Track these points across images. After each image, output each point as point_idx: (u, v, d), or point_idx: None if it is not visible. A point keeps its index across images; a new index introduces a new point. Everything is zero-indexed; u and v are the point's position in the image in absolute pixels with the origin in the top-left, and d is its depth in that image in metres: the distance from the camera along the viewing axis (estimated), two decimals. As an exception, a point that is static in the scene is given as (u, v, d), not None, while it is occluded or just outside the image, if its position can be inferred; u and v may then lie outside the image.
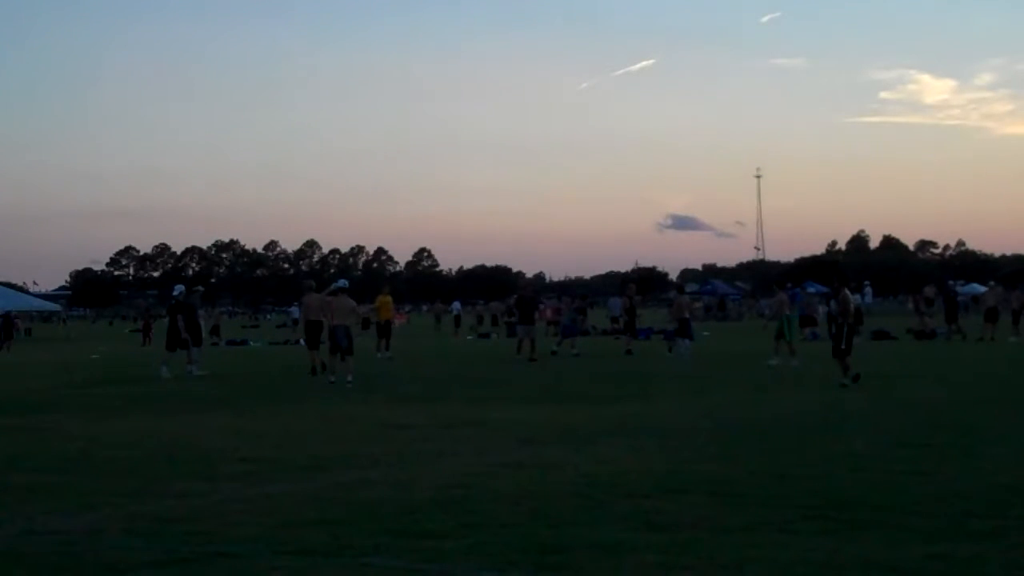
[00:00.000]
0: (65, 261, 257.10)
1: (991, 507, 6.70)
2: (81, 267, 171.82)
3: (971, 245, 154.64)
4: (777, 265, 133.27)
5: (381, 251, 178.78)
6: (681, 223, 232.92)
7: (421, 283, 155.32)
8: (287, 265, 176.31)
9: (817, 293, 50.46)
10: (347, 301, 19.20)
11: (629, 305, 28.69)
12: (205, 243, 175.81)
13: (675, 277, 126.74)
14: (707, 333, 38.93)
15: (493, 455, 9.39)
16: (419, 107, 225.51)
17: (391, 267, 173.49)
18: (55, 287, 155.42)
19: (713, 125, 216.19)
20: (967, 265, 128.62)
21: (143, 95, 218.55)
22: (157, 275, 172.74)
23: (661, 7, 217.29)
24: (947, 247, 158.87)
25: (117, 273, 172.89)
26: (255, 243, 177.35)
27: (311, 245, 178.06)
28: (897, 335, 33.96)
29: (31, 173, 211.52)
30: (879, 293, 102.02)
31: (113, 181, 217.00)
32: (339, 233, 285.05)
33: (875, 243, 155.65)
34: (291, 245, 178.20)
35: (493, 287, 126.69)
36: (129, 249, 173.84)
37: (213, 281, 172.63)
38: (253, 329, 62.38)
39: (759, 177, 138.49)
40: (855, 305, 36.34)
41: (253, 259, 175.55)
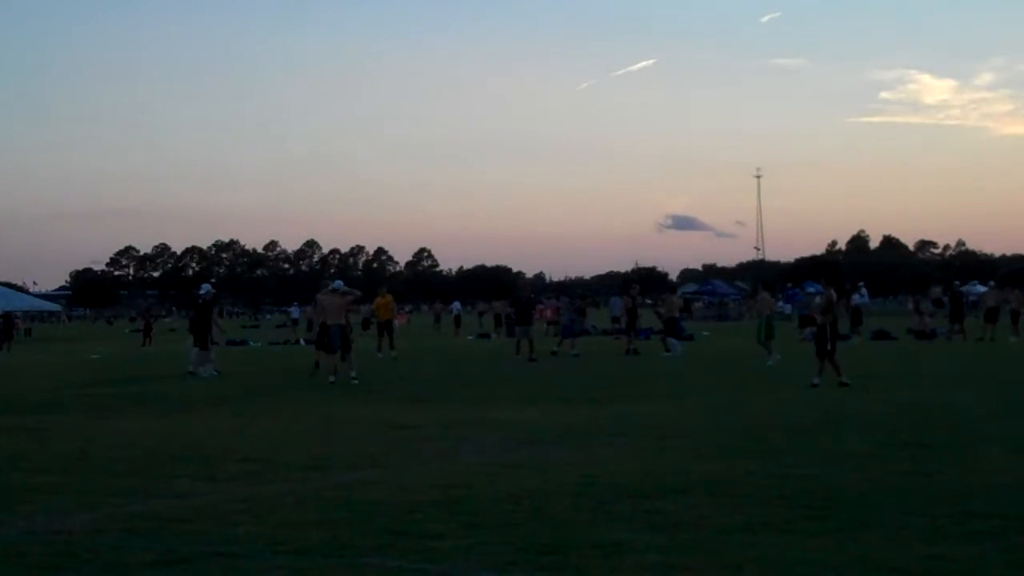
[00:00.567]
0: (65, 261, 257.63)
1: (991, 507, 6.70)
2: (81, 267, 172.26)
3: (971, 245, 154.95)
4: (777, 265, 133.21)
5: (381, 251, 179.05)
6: (681, 223, 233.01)
7: (421, 283, 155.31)
8: (287, 265, 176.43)
9: (817, 293, 50.34)
10: (339, 300, 19.47)
11: (632, 305, 28.67)
12: (205, 243, 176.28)
13: (675, 277, 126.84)
14: (707, 333, 38.95)
15: (493, 455, 9.40)
16: (419, 107, 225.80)
17: (391, 267, 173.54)
18: (55, 287, 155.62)
19: (713, 125, 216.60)
20: (967, 265, 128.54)
21: (143, 95, 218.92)
22: (157, 275, 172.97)
23: (661, 7, 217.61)
24: (947, 247, 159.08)
25: (117, 273, 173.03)
26: (255, 243, 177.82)
27: (311, 245, 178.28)
28: (897, 335, 33.99)
29: (31, 173, 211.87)
30: (880, 293, 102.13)
31: (113, 181, 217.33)
32: (339, 233, 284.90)
33: (875, 243, 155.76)
34: (291, 245, 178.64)
35: (493, 287, 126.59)
36: (129, 249, 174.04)
37: (213, 281, 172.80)
38: (253, 329, 62.33)
39: (759, 177, 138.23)
40: (854, 305, 36.61)
41: (253, 259, 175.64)
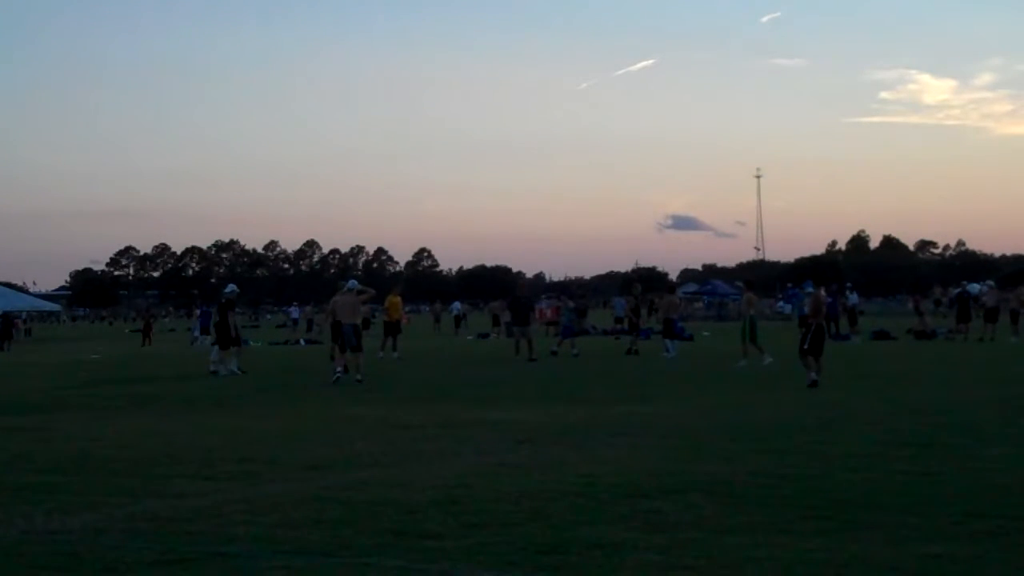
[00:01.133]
0: (65, 261, 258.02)
1: (991, 507, 6.70)
2: (81, 267, 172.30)
3: (971, 245, 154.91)
4: (777, 265, 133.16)
5: (381, 251, 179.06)
6: (681, 223, 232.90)
7: (421, 283, 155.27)
8: (287, 265, 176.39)
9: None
10: (353, 299, 19.78)
11: (635, 305, 28.66)
12: (205, 243, 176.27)
13: (675, 277, 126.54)
14: (707, 333, 38.94)
15: (493, 455, 9.39)
16: (419, 107, 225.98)
17: (391, 267, 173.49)
18: (55, 287, 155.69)
19: (713, 125, 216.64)
20: (967, 265, 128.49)
21: (143, 95, 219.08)
22: (157, 275, 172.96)
23: (661, 7, 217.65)
24: (947, 247, 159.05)
25: (117, 273, 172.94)
26: (255, 243, 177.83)
27: (311, 245, 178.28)
28: (897, 335, 34.00)
29: (31, 173, 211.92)
30: (880, 293, 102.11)
31: (113, 181, 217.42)
32: (339, 233, 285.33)
33: (875, 243, 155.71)
34: (291, 245, 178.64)
35: (493, 287, 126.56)
36: (129, 249, 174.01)
37: (213, 281, 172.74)
38: (253, 329, 62.31)
39: (759, 177, 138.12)
40: (851, 306, 36.60)
41: (253, 259, 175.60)
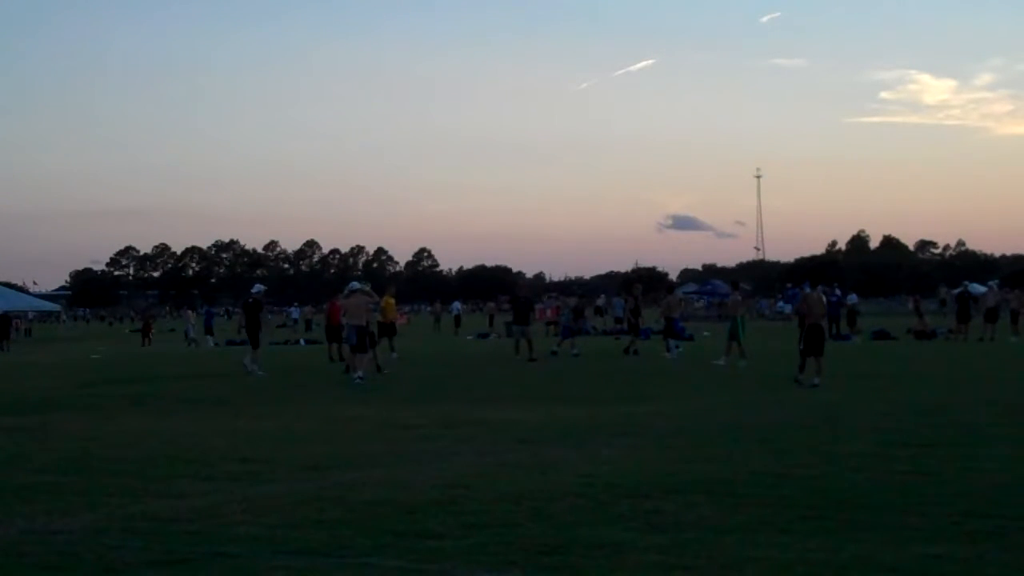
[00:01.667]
0: (65, 261, 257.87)
1: (991, 507, 6.70)
2: (81, 267, 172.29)
3: (971, 245, 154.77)
4: (777, 265, 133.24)
5: (381, 251, 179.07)
6: (681, 223, 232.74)
7: (421, 283, 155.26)
8: (287, 265, 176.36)
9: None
10: (359, 300, 20.17)
11: (634, 305, 28.64)
12: (205, 243, 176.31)
13: (675, 277, 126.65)
14: (707, 333, 38.93)
15: (493, 455, 9.39)
16: (419, 107, 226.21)
17: (391, 267, 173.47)
18: (55, 287, 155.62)
19: (713, 125, 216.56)
20: (967, 265, 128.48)
21: (143, 95, 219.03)
22: (157, 275, 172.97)
23: (661, 7, 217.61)
24: (947, 247, 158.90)
25: (117, 273, 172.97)
26: (255, 243, 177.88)
27: (311, 245, 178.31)
28: (897, 335, 34.00)
29: (31, 173, 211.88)
30: (880, 293, 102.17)
31: (113, 181, 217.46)
32: (339, 233, 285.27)
33: (875, 243, 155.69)
34: (291, 245, 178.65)
35: (493, 287, 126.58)
36: (129, 249, 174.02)
37: (213, 281, 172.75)
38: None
39: (759, 177, 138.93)
40: (850, 306, 36.59)
41: (253, 259, 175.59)
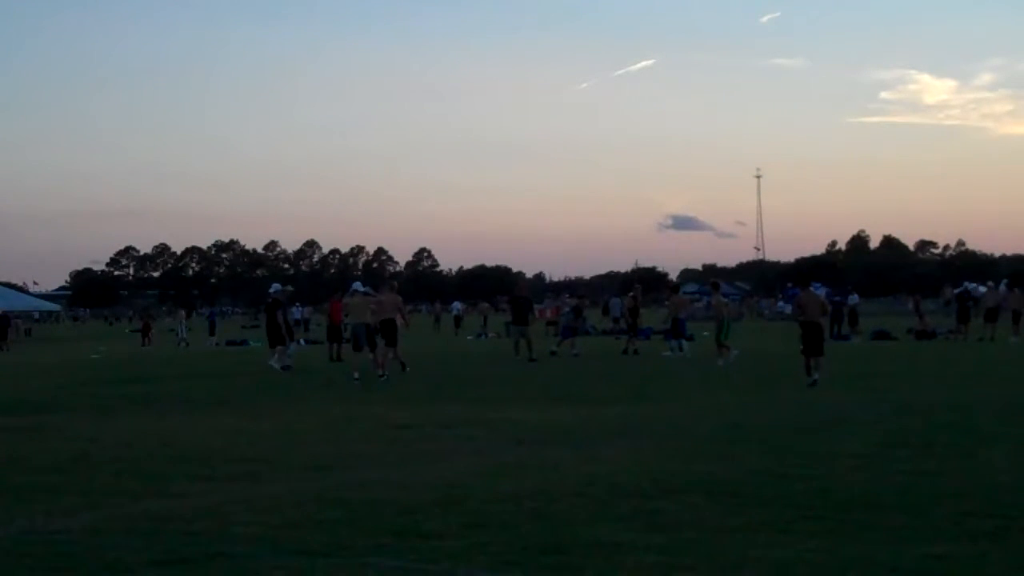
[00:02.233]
0: (65, 261, 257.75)
1: (991, 507, 6.70)
2: (81, 267, 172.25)
3: (971, 245, 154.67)
4: (777, 265, 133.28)
5: (381, 251, 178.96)
6: (681, 223, 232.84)
7: (421, 283, 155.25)
8: (287, 265, 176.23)
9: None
10: (362, 300, 20.48)
11: (633, 305, 28.64)
12: (205, 243, 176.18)
13: (675, 277, 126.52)
14: (707, 333, 38.90)
15: (493, 455, 9.40)
16: (419, 107, 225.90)
17: (391, 267, 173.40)
18: (55, 287, 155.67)
19: (713, 125, 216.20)
20: (967, 265, 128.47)
21: (143, 95, 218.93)
22: (157, 275, 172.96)
23: (661, 7, 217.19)
24: (947, 247, 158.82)
25: (117, 273, 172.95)
26: (255, 243, 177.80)
27: (311, 245, 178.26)
28: (897, 335, 34.00)
29: (31, 173, 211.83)
30: (880, 293, 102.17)
31: (113, 181, 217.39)
32: (339, 233, 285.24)
33: (875, 243, 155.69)
34: (291, 245, 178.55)
35: (493, 287, 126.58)
36: (129, 249, 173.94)
37: (213, 281, 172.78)
38: (253, 329, 62.28)
39: (759, 177, 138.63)
40: (850, 306, 36.58)
41: (253, 259, 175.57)
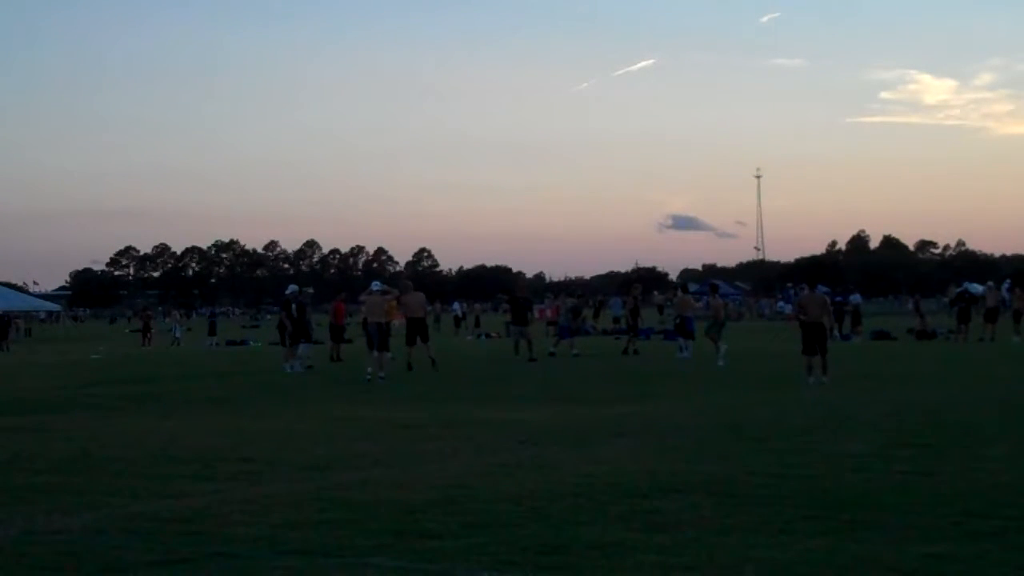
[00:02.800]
0: (65, 261, 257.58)
1: (991, 507, 6.70)
2: (81, 267, 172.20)
3: (971, 245, 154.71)
4: (777, 265, 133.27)
5: (381, 251, 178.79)
6: (681, 223, 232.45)
7: (421, 283, 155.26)
8: (287, 265, 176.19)
9: (824, 293, 50.42)
10: (379, 299, 20.73)
11: (634, 305, 28.63)
12: (205, 243, 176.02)
13: (675, 277, 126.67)
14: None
15: (493, 455, 9.39)
16: (419, 107, 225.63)
17: (391, 267, 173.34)
18: (55, 287, 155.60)
19: (713, 125, 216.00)
20: (967, 265, 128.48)
21: (143, 95, 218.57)
22: (157, 275, 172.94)
23: (661, 7, 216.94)
24: (947, 247, 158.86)
25: (117, 273, 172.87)
26: (255, 243, 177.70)
27: (311, 245, 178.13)
28: (897, 335, 34.01)
29: (31, 173, 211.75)
30: (880, 293, 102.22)
31: (113, 181, 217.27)
32: (339, 233, 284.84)
33: (875, 243, 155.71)
34: (291, 245, 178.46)
35: (493, 287, 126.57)
36: (129, 249, 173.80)
37: (213, 281, 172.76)
38: (253, 329, 62.33)
39: (759, 177, 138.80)
40: (853, 306, 36.61)
41: (253, 259, 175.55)
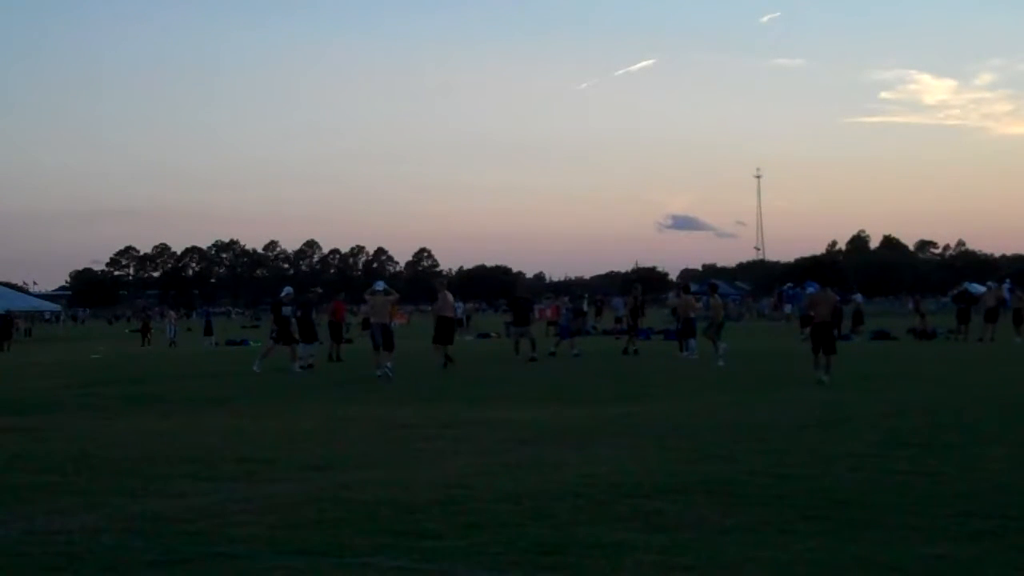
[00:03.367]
0: (65, 261, 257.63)
1: (991, 507, 6.70)
2: (81, 267, 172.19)
3: (971, 245, 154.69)
4: (777, 265, 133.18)
5: (381, 251, 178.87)
6: (681, 223, 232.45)
7: (421, 283, 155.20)
8: (287, 265, 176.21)
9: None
10: (383, 300, 21.04)
11: (634, 305, 28.61)
12: (205, 243, 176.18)
13: (675, 277, 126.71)
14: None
15: (493, 455, 9.39)
16: (419, 107, 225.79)
17: (391, 267, 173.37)
18: (55, 287, 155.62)
19: (713, 125, 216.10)
20: (967, 265, 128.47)
21: (143, 95, 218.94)
22: (157, 275, 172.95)
23: (661, 7, 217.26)
24: (947, 247, 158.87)
25: (117, 273, 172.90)
26: (255, 243, 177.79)
27: (311, 245, 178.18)
28: (897, 335, 34.01)
29: (31, 173, 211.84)
30: (880, 293, 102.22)
31: (113, 181, 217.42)
32: (339, 233, 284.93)
33: (875, 243, 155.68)
34: (291, 245, 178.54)
35: (493, 287, 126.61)
36: (129, 249, 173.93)
37: (213, 281, 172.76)
38: (253, 329, 62.30)
39: (759, 177, 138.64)
40: (856, 306, 36.66)
41: (253, 259, 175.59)
